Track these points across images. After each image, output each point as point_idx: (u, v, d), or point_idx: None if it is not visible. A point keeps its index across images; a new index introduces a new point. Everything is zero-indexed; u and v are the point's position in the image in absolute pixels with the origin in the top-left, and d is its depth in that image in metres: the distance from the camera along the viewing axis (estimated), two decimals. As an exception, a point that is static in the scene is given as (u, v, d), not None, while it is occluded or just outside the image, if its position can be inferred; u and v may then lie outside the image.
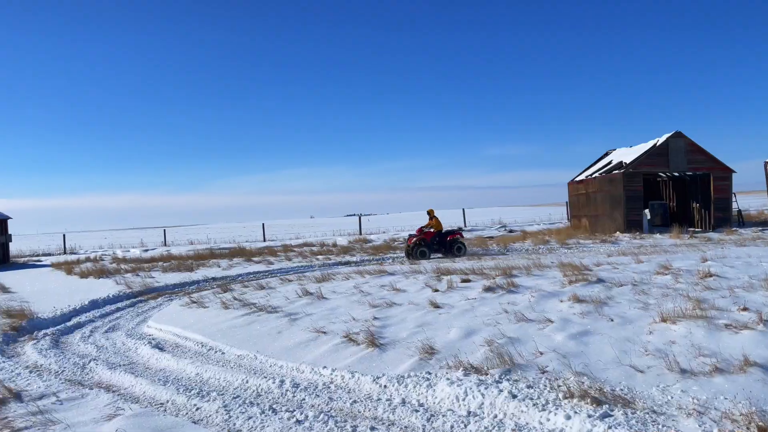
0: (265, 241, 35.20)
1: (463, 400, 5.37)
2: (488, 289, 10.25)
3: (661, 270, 11.14)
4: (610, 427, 4.39)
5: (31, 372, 7.50)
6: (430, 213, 20.46)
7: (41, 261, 30.38)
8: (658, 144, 27.61)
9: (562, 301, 8.81)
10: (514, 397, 5.19)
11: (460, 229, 20.99)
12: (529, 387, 5.41)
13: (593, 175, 30.31)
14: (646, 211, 28.03)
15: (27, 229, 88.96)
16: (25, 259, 33.30)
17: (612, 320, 7.49)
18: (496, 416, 5.06)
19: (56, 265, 25.11)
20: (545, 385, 5.43)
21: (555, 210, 54.17)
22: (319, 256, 22.59)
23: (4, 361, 8.07)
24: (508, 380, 5.64)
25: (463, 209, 37.71)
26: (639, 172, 27.29)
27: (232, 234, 50.78)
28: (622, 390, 5.15)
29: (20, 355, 8.80)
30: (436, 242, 19.53)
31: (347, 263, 19.55)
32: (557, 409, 4.88)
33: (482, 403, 5.26)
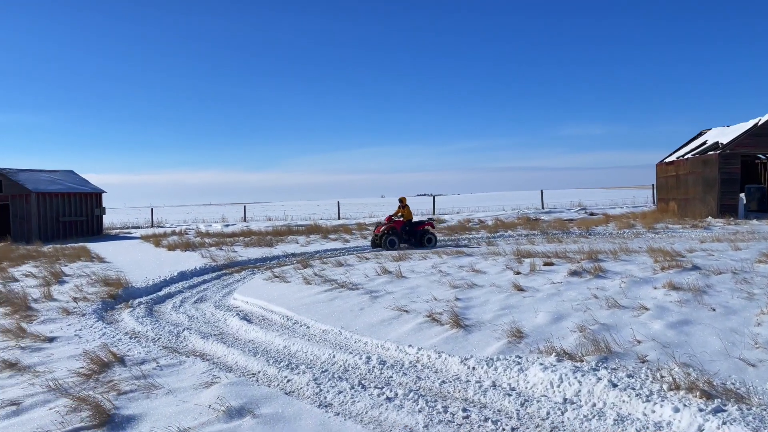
0: (339, 219, 35.67)
1: (558, 386, 5.19)
2: (574, 273, 9.92)
3: (763, 258, 10.42)
4: (724, 423, 4.11)
5: (131, 338, 7.89)
6: (402, 201, 18.94)
7: (131, 233, 32.09)
8: (759, 123, 25.72)
9: (656, 288, 8.41)
10: (615, 386, 4.96)
11: (430, 219, 19.73)
12: (629, 376, 5.16)
13: (685, 156, 28.69)
14: (742, 195, 26.31)
15: (116, 203, 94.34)
16: (117, 231, 35.30)
17: (714, 310, 7.06)
18: (594, 405, 4.86)
19: (145, 238, 26.45)
20: (647, 375, 5.17)
21: (639, 193, 51.86)
22: (395, 235, 22.63)
23: (105, 327, 8.53)
24: (605, 368, 5.40)
25: (541, 190, 36.67)
26: (736, 154, 25.56)
27: (306, 211, 51.86)
28: (733, 384, 4.82)
29: (119, 321, 9.29)
30: (405, 232, 18.19)
31: (423, 243, 19.45)
32: (663, 400, 4.62)
33: (579, 391, 5.07)
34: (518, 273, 10.51)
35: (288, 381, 5.87)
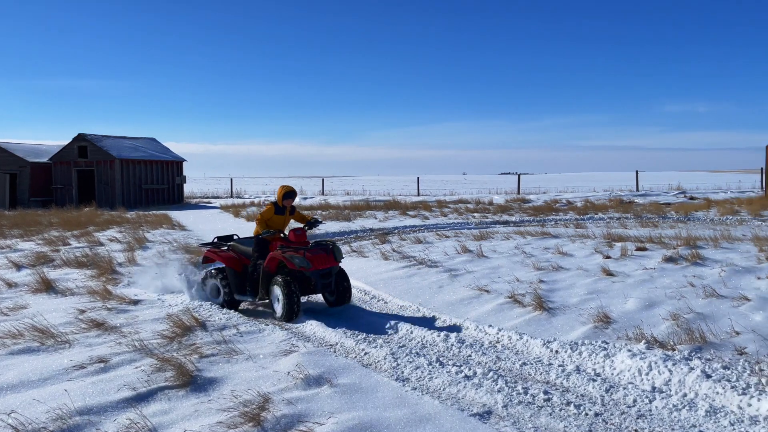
0: (419, 195, 35.53)
1: (647, 374, 4.90)
2: (669, 260, 9.38)
3: None
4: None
5: (211, 304, 8.12)
6: (293, 194, 9.22)
7: (211, 203, 33.17)
8: None
9: (759, 279, 7.82)
10: (708, 377, 4.63)
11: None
12: (725, 368, 4.80)
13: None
14: None
15: (196, 173, 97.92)
16: (197, 200, 36.56)
17: (828, 303, 6.43)
18: (685, 395, 4.56)
19: (224, 208, 27.35)
20: (744, 368, 4.81)
21: (746, 177, 48.31)
22: (476, 214, 22.26)
23: (191, 293, 8.83)
24: (699, 358, 5.06)
25: (636, 172, 34.80)
26: None
27: (385, 186, 51.96)
28: None
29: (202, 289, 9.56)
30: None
31: (505, 223, 19.03)
32: (761, 395, 4.27)
33: (669, 380, 4.77)
34: (608, 257, 10.05)
35: (365, 354, 5.87)
